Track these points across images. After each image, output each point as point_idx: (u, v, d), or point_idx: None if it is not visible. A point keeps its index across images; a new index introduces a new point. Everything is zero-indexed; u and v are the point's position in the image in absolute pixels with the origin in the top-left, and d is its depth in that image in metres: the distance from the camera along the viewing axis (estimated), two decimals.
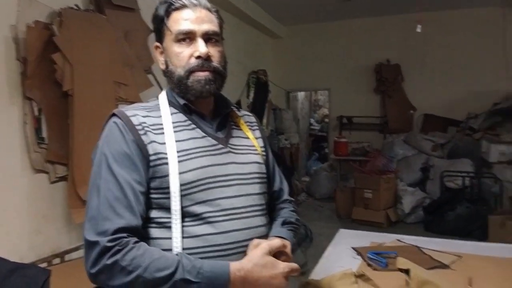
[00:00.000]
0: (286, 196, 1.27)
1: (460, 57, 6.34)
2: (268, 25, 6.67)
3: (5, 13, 2.17)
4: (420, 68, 6.30)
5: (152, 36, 3.10)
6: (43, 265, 2.18)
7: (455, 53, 6.36)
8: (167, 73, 1.07)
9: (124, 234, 0.89)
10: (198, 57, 1.01)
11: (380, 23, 6.81)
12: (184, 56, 1.02)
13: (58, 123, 2.38)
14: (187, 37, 1.02)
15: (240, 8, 5.41)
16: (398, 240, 1.91)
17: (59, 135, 2.38)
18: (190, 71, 1.01)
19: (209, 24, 1.03)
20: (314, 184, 6.89)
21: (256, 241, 0.99)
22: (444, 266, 1.55)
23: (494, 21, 6.10)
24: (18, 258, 1.91)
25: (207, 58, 1.01)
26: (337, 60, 7.17)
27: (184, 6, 1.02)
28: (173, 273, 0.86)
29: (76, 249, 2.50)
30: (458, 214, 4.59)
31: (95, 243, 0.88)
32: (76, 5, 2.54)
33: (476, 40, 6.21)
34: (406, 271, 1.42)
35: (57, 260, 2.40)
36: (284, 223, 1.16)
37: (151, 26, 3.23)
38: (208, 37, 1.03)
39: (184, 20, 1.01)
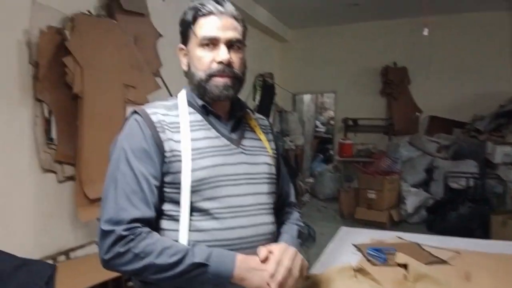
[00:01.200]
0: (292, 198, 1.34)
1: (466, 60, 6.35)
2: (275, 29, 6.73)
3: (19, 18, 2.24)
4: (426, 71, 6.32)
5: (161, 40, 3.18)
6: (49, 262, 2.24)
7: (461, 56, 6.37)
8: (189, 74, 1.12)
9: (138, 224, 0.95)
10: (219, 63, 1.06)
11: (387, 27, 6.84)
12: (206, 60, 1.07)
13: (67, 125, 2.45)
14: (211, 42, 1.06)
15: (247, 12, 5.47)
16: (399, 237, 1.94)
17: (68, 136, 2.45)
18: (211, 75, 1.06)
19: (233, 31, 1.08)
20: (318, 185, 6.92)
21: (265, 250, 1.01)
22: (442, 262, 1.58)
23: (500, 24, 6.12)
24: (24, 256, 1.96)
25: (228, 64, 1.06)
26: (343, 63, 7.20)
27: (211, 13, 1.07)
28: (183, 257, 0.93)
29: (81, 247, 2.56)
30: (461, 213, 4.60)
31: (111, 231, 0.94)
32: (88, 11, 2.62)
33: (482, 43, 6.22)
34: (405, 266, 1.46)
35: (62, 258, 2.46)
36: (298, 234, 1.22)
37: (161, 31, 3.30)
38: (230, 44, 1.08)
39: (209, 26, 1.06)
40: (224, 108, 1.14)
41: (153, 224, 1.00)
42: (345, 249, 1.78)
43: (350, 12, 6.30)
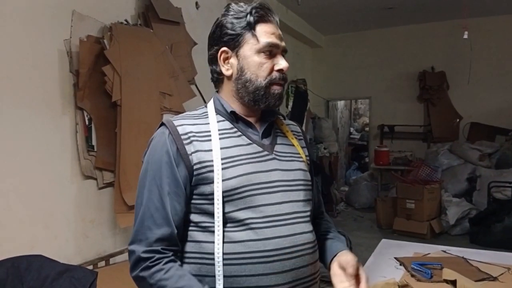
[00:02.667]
0: (322, 207, 1.29)
1: (508, 64, 6.09)
2: (307, 35, 6.69)
3: (59, 28, 2.31)
4: (466, 76, 6.09)
5: (195, 48, 3.20)
6: (89, 267, 2.28)
7: (502, 59, 6.12)
8: (240, 79, 1.07)
9: (159, 247, 0.96)
10: (279, 70, 1.07)
11: (423, 30, 6.67)
12: (267, 67, 1.06)
13: (107, 132, 2.49)
14: (271, 50, 1.06)
15: (281, 19, 5.43)
16: (443, 251, 1.86)
17: (107, 143, 2.49)
18: (272, 83, 1.06)
19: (283, 41, 1.10)
20: (353, 193, 6.79)
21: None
22: (492, 278, 1.49)
23: None
24: (66, 261, 1.99)
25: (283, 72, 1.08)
26: (378, 68, 7.08)
27: (270, 21, 1.08)
28: None
29: (120, 252, 2.59)
30: (506, 225, 4.39)
31: (132, 252, 0.98)
32: (126, 20, 2.67)
33: None
34: (453, 283, 1.38)
35: (102, 263, 2.49)
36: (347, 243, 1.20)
37: (195, 38, 3.33)
38: (282, 53, 1.09)
39: (271, 33, 1.06)
40: (255, 114, 1.12)
41: (176, 241, 1.00)
42: (386, 262, 1.72)
43: (385, 16, 6.19)
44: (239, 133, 1.07)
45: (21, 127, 2.10)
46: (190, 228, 1.03)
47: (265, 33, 1.06)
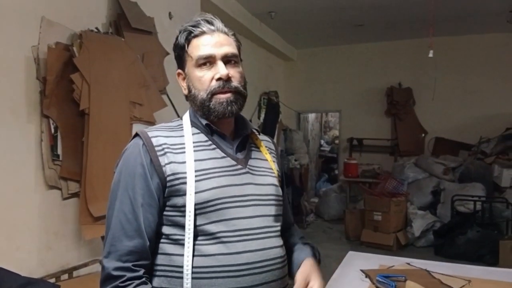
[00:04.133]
0: (291, 218, 1.31)
1: (472, 82, 6.37)
2: (280, 48, 6.79)
3: (27, 34, 2.25)
4: (432, 92, 6.32)
5: (168, 58, 3.19)
6: (52, 280, 2.20)
7: (467, 77, 6.40)
8: (190, 97, 1.09)
9: (129, 265, 0.95)
10: (219, 79, 1.04)
11: (392, 47, 6.89)
12: (205, 79, 1.05)
13: (73, 141, 2.44)
14: (208, 61, 1.05)
15: (254, 32, 5.54)
16: (408, 263, 1.90)
17: (74, 153, 2.43)
18: (212, 93, 1.04)
19: (228, 46, 1.07)
20: (323, 205, 6.86)
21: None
22: None
23: (505, 46, 6.15)
24: (27, 273, 1.93)
25: (227, 79, 1.04)
26: (348, 83, 7.24)
27: (203, 33, 1.06)
28: None
29: (84, 265, 2.52)
30: (469, 238, 4.54)
31: (104, 267, 0.96)
32: (96, 28, 2.63)
33: (488, 65, 6.25)
34: None
35: (65, 276, 2.41)
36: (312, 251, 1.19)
37: (168, 48, 3.32)
38: (227, 59, 1.06)
39: (203, 45, 1.05)
40: (228, 127, 1.12)
41: (147, 253, 0.99)
42: (353, 274, 1.75)
43: (356, 32, 6.37)
44: (214, 146, 1.07)
45: None
46: (161, 240, 1.02)
47: (197, 46, 1.06)
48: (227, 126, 1.11)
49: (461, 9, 5.14)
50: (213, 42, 1.05)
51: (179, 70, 1.13)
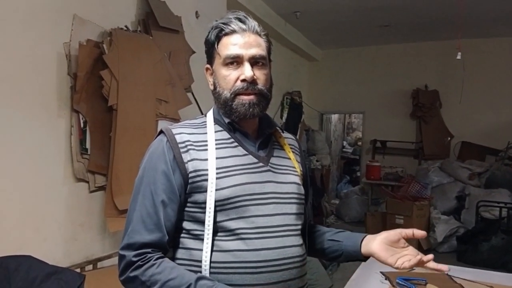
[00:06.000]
0: (311, 220, 1.32)
1: (501, 85, 6.21)
2: (305, 48, 6.77)
3: (60, 31, 2.32)
4: (459, 95, 6.20)
5: (194, 56, 3.25)
6: (77, 270, 2.27)
7: (495, 81, 6.24)
8: (215, 94, 1.11)
9: (149, 250, 0.97)
10: (243, 80, 1.05)
11: (418, 49, 6.78)
12: (230, 79, 1.06)
13: (101, 136, 2.50)
14: (235, 60, 1.05)
15: (279, 32, 5.54)
16: None
17: (101, 147, 2.50)
18: (236, 94, 1.05)
19: (257, 48, 1.06)
20: (344, 207, 6.82)
21: None
22: None
23: None
24: (54, 263, 1.98)
25: (252, 81, 1.05)
26: (373, 84, 7.16)
27: (233, 32, 1.06)
28: None
29: (108, 256, 2.58)
30: (493, 245, 4.44)
31: (123, 256, 0.98)
32: (126, 26, 2.70)
33: None
34: None
35: (89, 267, 2.48)
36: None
37: (194, 47, 3.37)
38: (255, 61, 1.06)
39: (232, 45, 1.05)
40: (252, 126, 1.13)
41: (166, 247, 1.01)
42: (372, 276, 1.74)
43: (381, 33, 6.29)
44: (236, 144, 1.09)
45: (16, 127, 2.11)
46: (182, 235, 1.04)
47: (226, 45, 1.06)
48: (250, 125, 1.12)
49: (490, 11, 5.02)
50: (242, 42, 1.05)
51: (207, 65, 1.14)
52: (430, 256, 1.03)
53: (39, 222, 2.25)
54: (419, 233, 1.07)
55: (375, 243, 1.09)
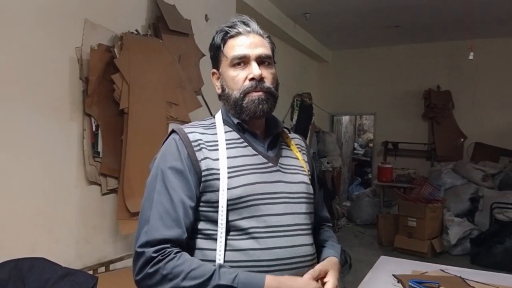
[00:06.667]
0: (325, 213, 1.33)
1: None
2: (314, 50, 6.76)
3: (71, 36, 2.35)
4: (471, 96, 6.12)
5: (204, 59, 3.26)
6: (89, 273, 2.29)
7: (507, 81, 6.15)
8: (224, 96, 1.13)
9: (168, 245, 0.97)
10: (252, 79, 1.07)
11: (429, 49, 6.72)
12: (239, 79, 1.08)
13: (113, 139, 2.53)
14: (242, 61, 1.08)
15: (288, 33, 5.54)
16: (442, 270, 1.86)
17: (113, 150, 2.53)
18: (246, 93, 1.08)
19: (262, 48, 1.10)
20: (355, 209, 6.77)
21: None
22: None
23: None
24: (66, 265, 2.00)
25: (260, 80, 1.07)
26: (384, 85, 7.11)
27: (238, 34, 1.10)
28: (208, 279, 0.92)
29: (120, 259, 2.60)
30: (507, 247, 4.37)
31: (142, 253, 0.96)
32: (136, 30, 2.72)
33: None
34: None
35: (102, 269, 2.50)
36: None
37: (203, 50, 3.38)
38: (261, 60, 1.09)
39: (238, 46, 1.09)
40: (260, 126, 1.15)
41: (185, 244, 1.01)
42: (384, 279, 1.73)
43: (391, 34, 6.25)
44: (246, 144, 1.10)
45: (29, 131, 2.14)
46: (193, 235, 1.05)
47: (232, 47, 1.09)
48: (258, 125, 1.14)
49: (500, 11, 4.95)
50: (248, 43, 1.09)
51: (214, 70, 1.16)
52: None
53: (52, 225, 2.28)
54: None
55: (319, 263, 1.08)
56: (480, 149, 6.32)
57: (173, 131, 1.10)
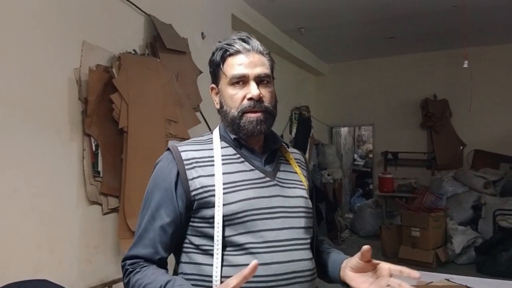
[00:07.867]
0: (319, 236, 1.30)
1: (510, 92, 6.15)
2: (311, 63, 6.81)
3: (70, 57, 2.38)
4: (468, 103, 6.14)
5: (202, 75, 3.29)
6: None
7: (504, 87, 6.19)
8: (222, 112, 1.14)
9: (141, 260, 1.04)
10: (250, 99, 1.07)
11: (424, 59, 6.77)
12: (237, 97, 1.09)
13: (113, 158, 2.53)
14: (241, 80, 1.08)
15: (284, 48, 5.60)
16: (447, 279, 1.85)
17: (113, 169, 2.53)
18: (243, 112, 1.08)
19: (261, 67, 1.10)
20: (358, 221, 6.73)
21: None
22: None
23: None
24: (69, 286, 2.00)
25: (258, 100, 1.08)
26: (381, 96, 7.16)
27: (238, 52, 1.10)
28: None
29: None
30: None
31: (123, 266, 1.07)
32: (134, 50, 2.76)
33: None
34: None
35: None
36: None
37: (201, 67, 3.41)
38: (260, 79, 1.10)
39: (238, 65, 1.08)
40: (258, 141, 1.15)
41: (157, 262, 1.06)
42: None
43: (387, 45, 6.31)
44: (242, 159, 1.10)
45: (29, 152, 2.14)
46: (191, 250, 1.06)
47: (232, 66, 1.09)
48: (255, 141, 1.14)
49: (494, 19, 5.01)
50: (247, 62, 1.08)
51: (213, 85, 1.17)
52: (398, 268, 1.03)
53: (54, 245, 2.27)
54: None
55: (346, 271, 1.07)
56: (480, 156, 6.33)
57: (168, 149, 1.12)
